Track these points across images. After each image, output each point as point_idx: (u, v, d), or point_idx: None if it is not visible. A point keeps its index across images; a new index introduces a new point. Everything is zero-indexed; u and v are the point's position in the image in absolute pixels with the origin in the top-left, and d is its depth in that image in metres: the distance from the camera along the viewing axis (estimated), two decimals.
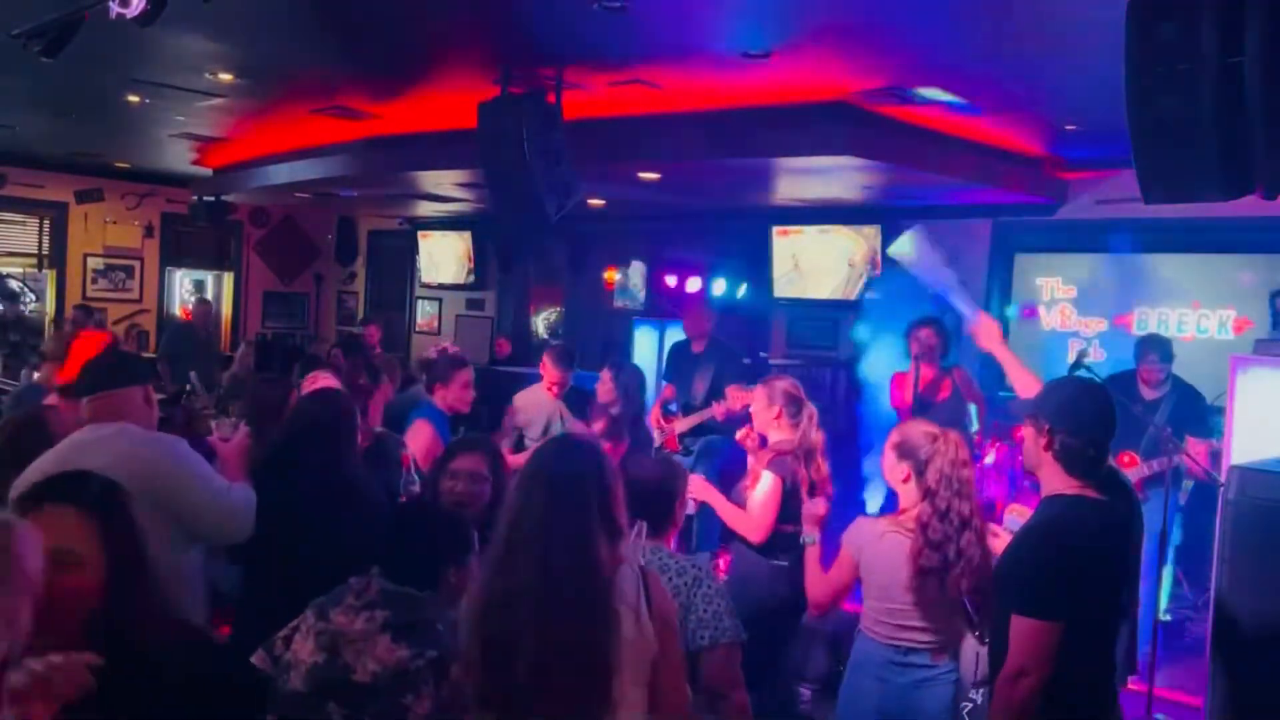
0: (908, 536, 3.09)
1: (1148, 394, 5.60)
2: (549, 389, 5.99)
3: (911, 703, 3.10)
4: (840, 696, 3.32)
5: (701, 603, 2.66)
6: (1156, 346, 5.69)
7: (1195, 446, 4.87)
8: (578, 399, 6.12)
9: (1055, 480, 2.55)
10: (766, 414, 4.09)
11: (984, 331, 3.79)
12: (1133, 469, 5.19)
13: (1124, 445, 5.21)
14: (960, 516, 3.03)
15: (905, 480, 3.18)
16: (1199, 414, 5.50)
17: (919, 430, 3.24)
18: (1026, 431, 2.66)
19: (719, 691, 2.64)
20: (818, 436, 4.07)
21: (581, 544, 2.08)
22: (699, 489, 4.03)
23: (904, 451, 3.19)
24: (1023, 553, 2.52)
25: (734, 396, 5.92)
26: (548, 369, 6.02)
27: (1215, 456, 4.67)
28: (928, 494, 3.07)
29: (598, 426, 5.53)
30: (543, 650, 2.01)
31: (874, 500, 6.07)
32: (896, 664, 3.13)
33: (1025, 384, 3.49)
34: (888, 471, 3.27)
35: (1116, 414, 2.60)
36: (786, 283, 8.84)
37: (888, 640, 3.14)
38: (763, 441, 4.18)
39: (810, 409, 4.12)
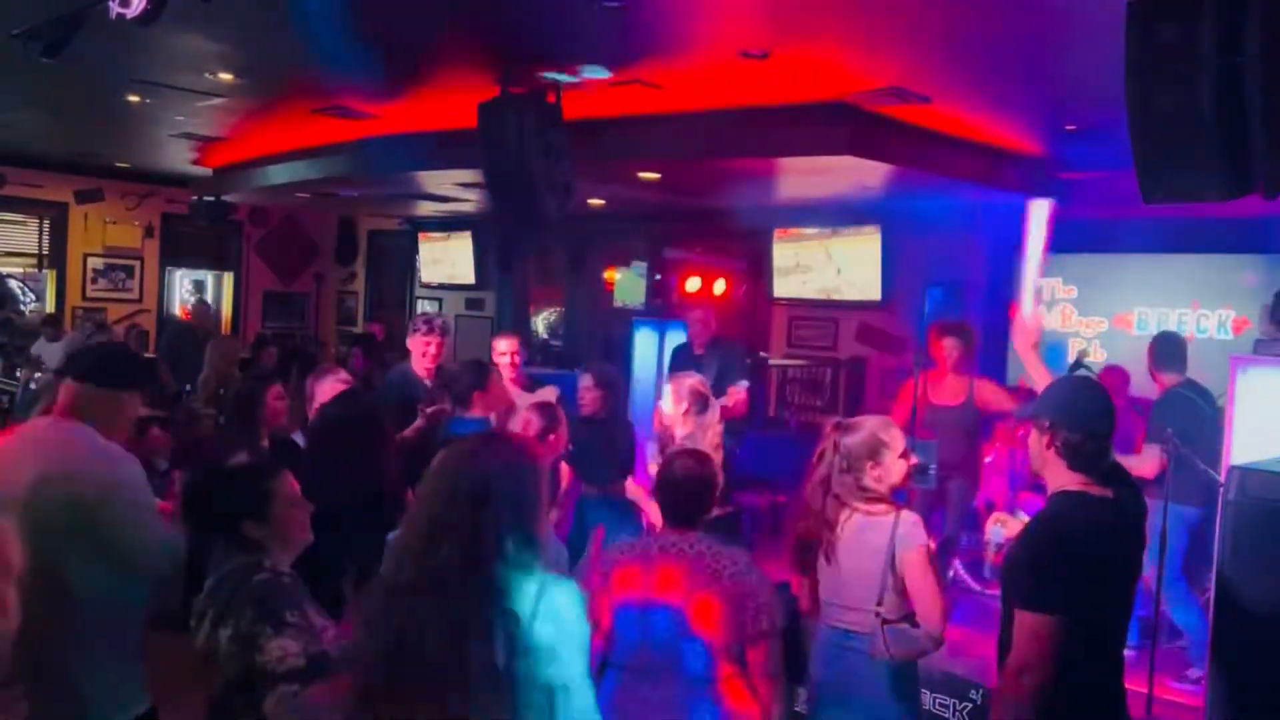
0: None
1: None
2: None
3: (842, 668, 3.08)
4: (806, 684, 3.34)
5: (758, 589, 2.76)
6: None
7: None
8: None
9: (1060, 477, 2.58)
10: (676, 410, 4.50)
11: (1020, 330, 3.58)
12: None
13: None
14: (837, 487, 3.07)
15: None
16: None
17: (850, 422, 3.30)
18: (1030, 433, 2.68)
19: (757, 679, 2.71)
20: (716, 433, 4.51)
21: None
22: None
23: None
24: (1027, 547, 2.54)
25: (731, 395, 5.92)
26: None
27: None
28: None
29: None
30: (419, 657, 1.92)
31: None
32: (837, 645, 3.11)
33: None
34: None
35: (1114, 408, 2.61)
36: (787, 283, 8.84)
37: (829, 624, 3.14)
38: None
39: (715, 405, 4.57)
